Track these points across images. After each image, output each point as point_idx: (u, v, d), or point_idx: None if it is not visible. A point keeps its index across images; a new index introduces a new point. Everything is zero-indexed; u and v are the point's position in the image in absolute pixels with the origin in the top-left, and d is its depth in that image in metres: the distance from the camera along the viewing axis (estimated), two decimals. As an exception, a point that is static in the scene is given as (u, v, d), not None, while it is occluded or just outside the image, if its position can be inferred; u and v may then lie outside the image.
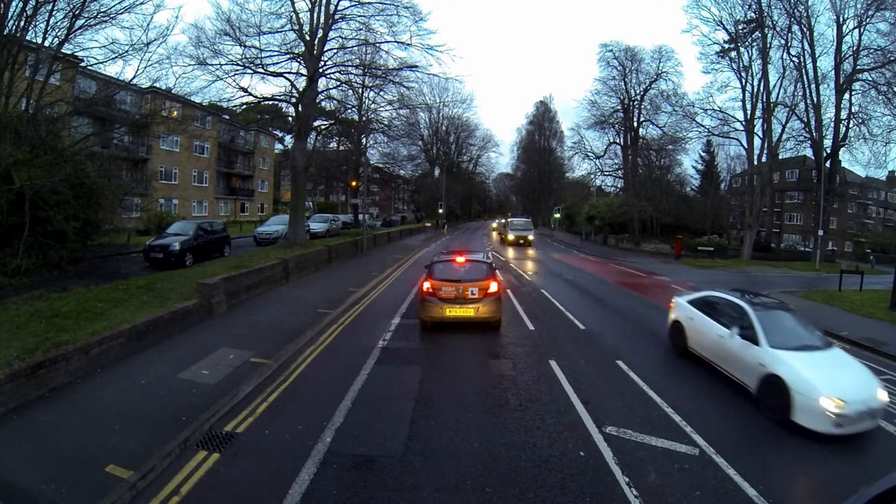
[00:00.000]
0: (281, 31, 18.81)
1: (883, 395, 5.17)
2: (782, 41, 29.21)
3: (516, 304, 11.34)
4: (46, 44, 13.91)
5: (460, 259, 9.28)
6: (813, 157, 31.14)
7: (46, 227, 11.52)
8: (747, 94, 31.06)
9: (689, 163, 51.60)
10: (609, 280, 17.50)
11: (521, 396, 5.91)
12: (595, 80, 44.72)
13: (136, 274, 12.71)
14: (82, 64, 16.95)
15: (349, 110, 28.14)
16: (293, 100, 19.95)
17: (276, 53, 18.98)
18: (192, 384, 5.91)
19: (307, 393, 5.95)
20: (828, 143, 29.39)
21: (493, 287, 8.53)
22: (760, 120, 31.05)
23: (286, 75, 19.51)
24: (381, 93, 24.43)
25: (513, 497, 3.85)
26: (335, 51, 19.99)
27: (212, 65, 17.73)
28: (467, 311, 8.37)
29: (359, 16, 19.56)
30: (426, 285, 8.60)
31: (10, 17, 12.94)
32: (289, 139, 30.77)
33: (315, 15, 18.81)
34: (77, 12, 13.65)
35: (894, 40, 25.53)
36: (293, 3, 18.52)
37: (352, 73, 21.15)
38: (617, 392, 6.13)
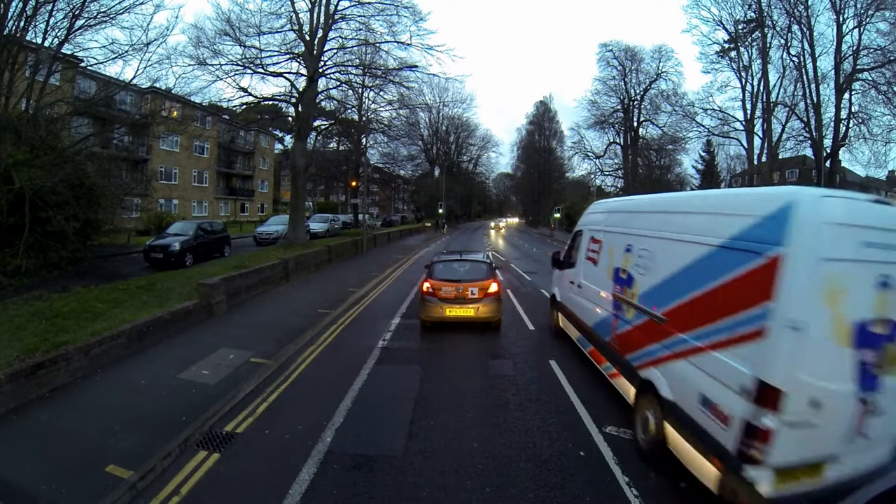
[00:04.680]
0: (281, 31, 18.88)
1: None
2: (782, 41, 29.23)
3: (516, 304, 11.34)
4: (46, 44, 13.94)
5: (460, 259, 9.29)
6: (813, 157, 31.15)
7: (46, 227, 11.53)
8: (747, 94, 31.12)
9: (689, 163, 51.57)
10: (609, 280, 17.43)
11: (521, 396, 5.91)
12: (595, 80, 44.74)
13: (137, 274, 12.71)
14: (82, 64, 16.98)
15: (349, 110, 28.18)
16: (293, 100, 19.97)
17: (275, 53, 19.04)
18: (192, 384, 5.92)
19: (307, 393, 5.95)
20: (828, 142, 29.39)
21: (493, 287, 8.53)
22: (760, 120, 31.09)
23: (286, 75, 19.56)
24: (381, 93, 24.51)
25: (513, 497, 3.84)
26: (335, 51, 20.04)
27: (212, 65, 17.80)
28: (467, 311, 8.36)
29: (359, 16, 19.61)
30: (426, 285, 8.60)
31: (10, 17, 12.95)
32: (289, 139, 30.76)
33: (315, 15, 18.83)
34: (77, 12, 13.68)
35: (894, 40, 25.54)
36: (293, 3, 18.55)
37: (352, 73, 21.20)
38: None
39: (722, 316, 3.56)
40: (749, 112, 31.12)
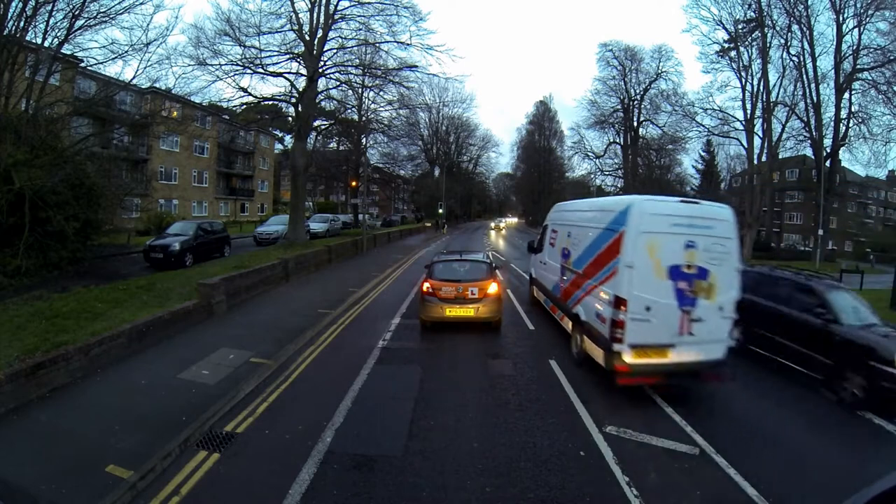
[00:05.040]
0: (281, 32, 18.85)
1: None
2: (782, 41, 29.24)
3: (516, 304, 11.34)
4: (46, 44, 13.92)
5: (460, 259, 9.30)
6: (813, 157, 31.16)
7: (46, 227, 11.52)
8: (747, 94, 31.11)
9: (689, 162, 51.55)
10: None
11: (521, 396, 5.91)
12: (595, 80, 44.82)
13: (137, 274, 12.71)
14: (82, 64, 16.98)
15: (349, 110, 28.16)
16: (293, 100, 19.96)
17: (275, 53, 19.02)
18: (192, 384, 5.92)
19: (307, 393, 5.95)
20: (828, 142, 29.39)
21: (493, 287, 8.53)
22: (760, 119, 31.08)
23: (286, 75, 19.54)
24: (381, 93, 24.48)
25: (513, 497, 3.84)
26: (335, 51, 20.02)
27: (212, 65, 17.77)
28: (467, 311, 8.36)
29: (358, 16, 19.59)
30: (426, 285, 8.59)
31: (10, 17, 12.94)
32: (289, 139, 30.77)
33: (315, 15, 18.82)
34: (77, 13, 13.67)
35: (894, 39, 25.53)
36: (293, 4, 18.53)
37: (352, 73, 21.18)
38: (617, 391, 6.12)
39: (603, 266, 6.32)
40: (749, 112, 31.11)
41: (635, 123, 43.11)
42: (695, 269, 5.61)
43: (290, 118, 24.18)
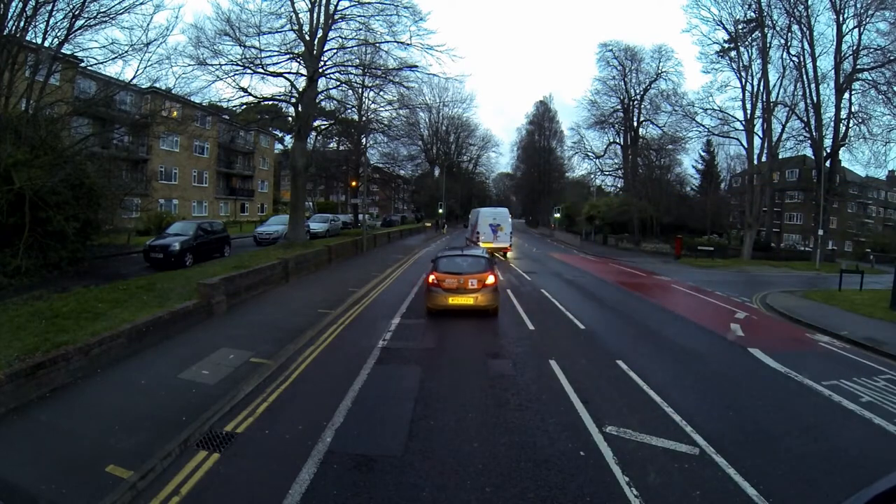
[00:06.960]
0: (281, 32, 18.89)
1: None
2: (782, 41, 29.28)
3: (516, 304, 11.35)
4: (46, 44, 13.95)
5: (462, 254, 10.31)
6: (813, 157, 31.17)
7: (46, 227, 11.53)
8: (747, 94, 31.15)
9: (689, 162, 51.64)
10: (609, 280, 17.50)
11: (521, 396, 5.91)
12: (595, 80, 44.95)
13: (137, 274, 12.71)
14: (82, 64, 17.01)
15: (349, 110, 28.23)
16: (293, 100, 19.99)
17: (275, 53, 19.06)
18: (192, 384, 5.91)
19: (307, 393, 5.95)
20: (828, 142, 29.40)
21: (491, 279, 9.51)
22: (760, 119, 31.11)
23: (286, 75, 19.58)
24: (381, 93, 24.58)
25: (513, 497, 3.84)
26: (335, 51, 20.06)
27: (212, 65, 17.81)
28: (467, 300, 9.33)
29: (359, 16, 19.62)
30: (431, 277, 9.66)
31: (10, 17, 12.95)
32: (289, 139, 30.79)
33: (315, 15, 18.84)
34: (77, 13, 13.69)
35: (894, 40, 25.54)
36: (293, 4, 18.56)
37: (352, 73, 21.23)
38: (617, 392, 6.12)
39: (476, 227, 24.77)
40: (749, 112, 31.14)
41: (635, 123, 43.13)
42: (497, 224, 23.80)
43: (290, 118, 24.20)
